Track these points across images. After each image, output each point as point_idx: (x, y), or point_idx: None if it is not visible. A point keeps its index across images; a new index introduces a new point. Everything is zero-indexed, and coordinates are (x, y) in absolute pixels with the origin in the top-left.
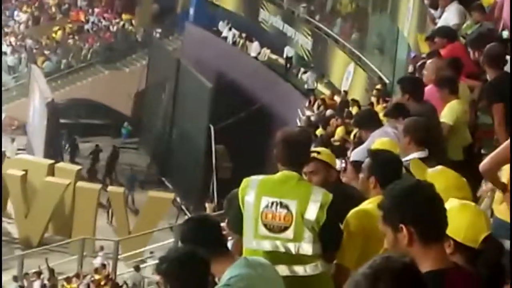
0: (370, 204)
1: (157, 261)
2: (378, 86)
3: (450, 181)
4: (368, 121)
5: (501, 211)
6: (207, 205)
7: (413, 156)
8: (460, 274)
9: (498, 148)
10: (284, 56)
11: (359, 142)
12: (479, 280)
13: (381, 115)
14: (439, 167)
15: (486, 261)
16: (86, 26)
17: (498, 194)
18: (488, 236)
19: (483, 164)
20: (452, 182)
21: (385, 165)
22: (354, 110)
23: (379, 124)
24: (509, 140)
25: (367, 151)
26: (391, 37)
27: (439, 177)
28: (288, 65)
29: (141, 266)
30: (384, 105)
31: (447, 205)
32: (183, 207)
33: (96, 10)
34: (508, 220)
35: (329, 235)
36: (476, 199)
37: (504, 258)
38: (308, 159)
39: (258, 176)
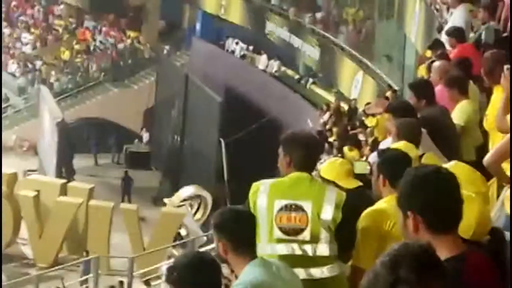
0: (384, 204)
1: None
2: (388, 93)
3: (463, 175)
4: (404, 111)
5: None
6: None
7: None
8: (479, 257)
9: (501, 141)
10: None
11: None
12: (495, 263)
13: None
14: (453, 161)
15: (490, 254)
16: (93, 45)
17: (508, 190)
18: (492, 229)
19: (487, 158)
20: (465, 176)
21: (392, 163)
22: (368, 121)
23: (414, 117)
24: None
25: (377, 152)
26: (399, 43)
27: (452, 170)
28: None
29: (156, 282)
30: None
31: None
32: None
33: (103, 28)
34: None
35: (345, 234)
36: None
37: (506, 250)
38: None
39: (268, 180)
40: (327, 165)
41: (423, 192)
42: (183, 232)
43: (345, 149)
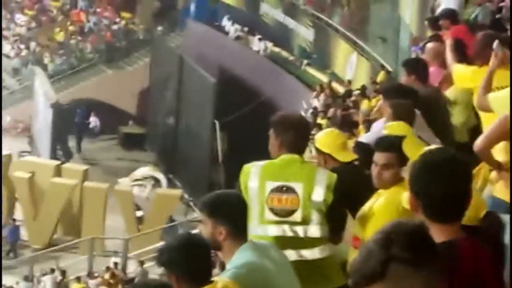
0: (396, 192)
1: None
2: (381, 74)
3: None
4: (396, 93)
5: (497, 190)
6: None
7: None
8: (472, 244)
9: (490, 127)
10: None
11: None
12: (489, 251)
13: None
14: (435, 145)
15: (486, 237)
16: (88, 26)
17: (494, 173)
18: (487, 212)
19: (477, 144)
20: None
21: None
22: (363, 104)
23: (406, 98)
24: (500, 117)
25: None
26: (393, 25)
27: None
28: None
29: (150, 263)
30: None
31: None
32: (191, 203)
33: (97, 9)
34: (505, 199)
35: (336, 216)
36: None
37: (504, 235)
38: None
39: (259, 162)
40: (324, 137)
41: (430, 181)
42: (139, 213)
43: None
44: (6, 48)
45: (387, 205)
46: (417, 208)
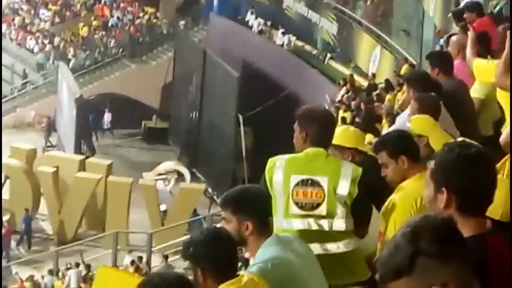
0: (414, 185)
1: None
2: (405, 67)
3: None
4: (421, 83)
5: None
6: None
7: None
8: (499, 238)
9: None
10: None
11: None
12: None
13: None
14: (459, 139)
15: None
16: (111, 21)
17: None
18: None
19: (503, 138)
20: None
21: (408, 140)
22: (387, 98)
23: (431, 89)
24: None
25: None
26: (417, 18)
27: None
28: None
29: (174, 257)
30: None
31: None
32: (215, 197)
33: (121, 4)
34: None
35: (360, 209)
36: None
37: None
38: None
39: (284, 155)
40: (342, 133)
41: (465, 174)
42: (162, 207)
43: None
44: (31, 43)
45: (404, 200)
46: (449, 204)
